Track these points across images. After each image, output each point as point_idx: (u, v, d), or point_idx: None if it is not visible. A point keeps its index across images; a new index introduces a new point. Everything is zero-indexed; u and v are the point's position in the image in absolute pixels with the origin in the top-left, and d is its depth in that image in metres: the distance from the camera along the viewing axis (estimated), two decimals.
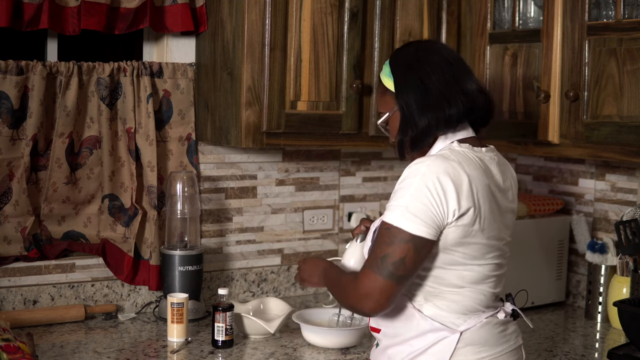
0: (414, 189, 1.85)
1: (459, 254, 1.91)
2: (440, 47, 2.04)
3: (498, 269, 1.99)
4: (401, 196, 1.86)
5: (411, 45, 2.08)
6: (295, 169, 3.03)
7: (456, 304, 1.94)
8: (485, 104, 2.01)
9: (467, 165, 1.90)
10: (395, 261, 1.84)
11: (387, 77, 2.03)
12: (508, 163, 2.09)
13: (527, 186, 3.24)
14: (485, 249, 1.93)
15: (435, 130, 1.96)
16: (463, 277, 1.93)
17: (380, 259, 1.85)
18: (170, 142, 2.78)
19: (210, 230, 2.90)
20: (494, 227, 1.94)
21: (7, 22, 2.42)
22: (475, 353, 1.94)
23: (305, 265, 2.22)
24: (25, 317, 2.52)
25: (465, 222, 1.87)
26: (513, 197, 2.05)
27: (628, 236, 2.66)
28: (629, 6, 2.43)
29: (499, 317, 1.98)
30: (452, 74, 1.97)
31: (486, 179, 1.93)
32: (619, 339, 2.66)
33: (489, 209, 1.92)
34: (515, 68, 2.73)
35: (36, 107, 2.52)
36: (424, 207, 1.84)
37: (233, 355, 2.35)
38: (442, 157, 1.90)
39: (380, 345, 2.06)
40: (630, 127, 2.39)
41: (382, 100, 2.06)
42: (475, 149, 1.98)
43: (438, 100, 1.94)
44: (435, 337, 1.93)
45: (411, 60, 2.00)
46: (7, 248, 2.59)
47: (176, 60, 2.79)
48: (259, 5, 2.52)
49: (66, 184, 2.62)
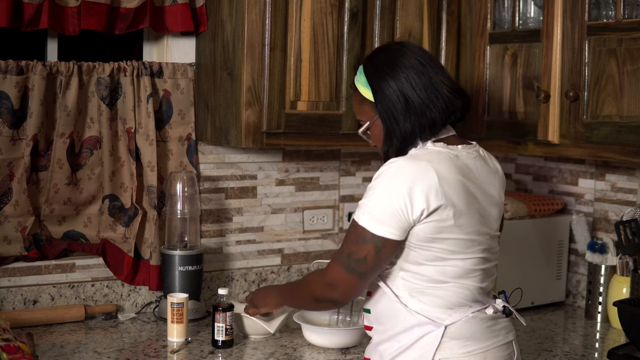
0: (379, 190, 1.92)
1: (435, 249, 1.94)
2: (412, 48, 2.04)
3: (483, 263, 2.00)
4: (369, 195, 1.94)
5: (382, 50, 2.09)
6: (295, 169, 3.03)
7: (441, 299, 1.96)
8: (462, 104, 2.02)
9: (438, 164, 1.92)
10: (358, 259, 1.93)
11: (363, 86, 2.05)
12: (492, 157, 2.11)
13: (527, 186, 3.24)
14: (465, 243, 1.95)
15: (420, 136, 1.99)
16: (445, 272, 1.96)
17: (346, 255, 1.95)
18: (170, 142, 2.78)
19: (210, 230, 2.90)
20: (473, 222, 1.96)
21: (7, 22, 2.42)
22: (462, 347, 1.95)
23: (254, 295, 2.40)
24: (25, 317, 2.52)
25: (436, 219, 1.90)
26: (498, 191, 2.07)
27: (628, 236, 2.66)
28: (629, 6, 2.43)
29: (487, 313, 2.00)
30: (428, 77, 1.98)
31: (459, 175, 1.95)
32: (619, 339, 2.66)
33: (465, 205, 1.94)
34: (515, 68, 2.73)
35: (36, 107, 2.52)
36: (387, 208, 1.90)
37: (233, 355, 2.35)
38: (412, 158, 1.94)
39: (373, 342, 2.10)
40: (630, 127, 2.39)
41: (361, 109, 2.09)
42: (450, 146, 2.00)
43: (419, 107, 1.97)
44: (421, 331, 1.96)
45: (386, 67, 2.00)
46: (7, 248, 2.59)
47: (176, 60, 2.79)
48: (259, 5, 2.52)
49: (67, 184, 2.62)
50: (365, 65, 2.07)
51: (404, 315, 1.98)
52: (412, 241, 1.94)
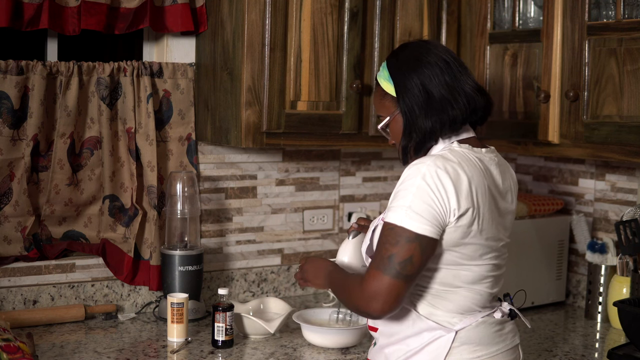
0: (415, 189, 1.85)
1: (456, 254, 1.91)
2: (437, 46, 2.03)
3: (495, 270, 1.99)
4: (403, 197, 1.86)
5: (408, 47, 2.07)
6: (295, 169, 3.04)
7: (452, 303, 1.94)
8: (485, 103, 2.01)
9: (467, 166, 1.91)
10: (402, 260, 1.83)
11: (386, 81, 2.02)
12: (508, 164, 2.09)
13: (527, 186, 3.24)
14: (482, 249, 1.94)
15: (440, 133, 1.97)
16: (459, 276, 1.93)
17: (387, 259, 1.84)
18: (170, 142, 2.78)
19: (210, 230, 2.90)
20: (492, 228, 1.94)
21: (7, 22, 2.42)
22: (471, 352, 1.94)
23: (309, 265, 2.18)
24: (25, 317, 2.52)
25: (464, 223, 1.88)
26: (512, 199, 2.05)
27: (628, 236, 2.66)
28: (629, 6, 2.43)
29: (496, 317, 1.99)
30: (452, 74, 1.97)
31: (485, 180, 1.93)
32: (619, 339, 2.66)
33: (488, 210, 1.92)
34: (515, 68, 2.73)
35: (36, 107, 2.52)
36: (427, 206, 1.85)
37: (233, 355, 2.35)
38: (442, 158, 1.90)
39: (378, 344, 2.07)
40: (630, 127, 2.39)
41: (381, 104, 2.06)
42: (475, 149, 1.98)
43: (441, 103, 1.95)
44: (430, 336, 1.94)
45: (410, 63, 1.99)
46: (7, 248, 2.59)
47: (176, 60, 2.79)
48: (259, 5, 2.52)
49: (68, 185, 2.62)
50: (389, 61, 2.05)
51: (412, 319, 1.96)
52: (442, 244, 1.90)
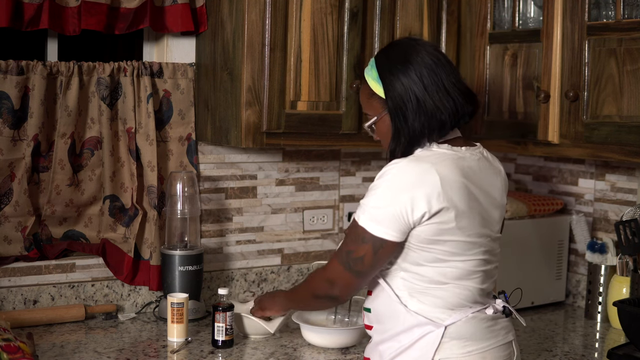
0: (380, 191, 1.91)
1: (436, 251, 1.94)
2: (425, 46, 2.02)
3: (484, 265, 2.00)
4: (370, 195, 1.94)
5: (397, 45, 2.07)
6: (295, 169, 3.04)
7: (441, 299, 1.96)
8: (473, 107, 2.02)
9: (441, 165, 1.92)
10: (356, 258, 1.95)
11: (374, 81, 2.02)
12: (495, 159, 2.10)
13: (527, 186, 3.24)
14: (466, 245, 1.95)
15: (428, 137, 1.98)
16: (445, 273, 1.96)
17: (345, 252, 1.97)
18: (170, 142, 2.78)
19: (210, 230, 2.90)
20: (475, 225, 1.96)
21: (7, 22, 2.42)
22: (461, 347, 1.95)
23: (263, 297, 2.44)
24: (25, 317, 2.52)
25: (437, 221, 1.90)
26: (501, 193, 2.06)
27: (628, 236, 2.66)
28: (629, 6, 2.42)
29: (487, 313, 2.00)
30: (441, 77, 1.97)
31: (462, 177, 1.94)
32: (619, 339, 2.66)
33: (467, 207, 1.93)
34: (515, 68, 2.73)
35: (37, 107, 2.52)
36: (387, 210, 1.90)
37: (233, 355, 2.35)
38: (415, 160, 1.93)
39: (373, 341, 2.10)
40: (630, 127, 2.39)
41: (369, 103, 2.07)
42: (454, 148, 1.99)
43: (430, 108, 1.96)
44: (420, 331, 1.96)
45: (400, 65, 1.98)
46: (7, 248, 2.59)
47: (176, 60, 2.79)
48: (259, 5, 2.53)
49: (69, 185, 2.62)
50: (378, 60, 2.04)
51: (403, 316, 1.98)
52: (412, 242, 1.94)
